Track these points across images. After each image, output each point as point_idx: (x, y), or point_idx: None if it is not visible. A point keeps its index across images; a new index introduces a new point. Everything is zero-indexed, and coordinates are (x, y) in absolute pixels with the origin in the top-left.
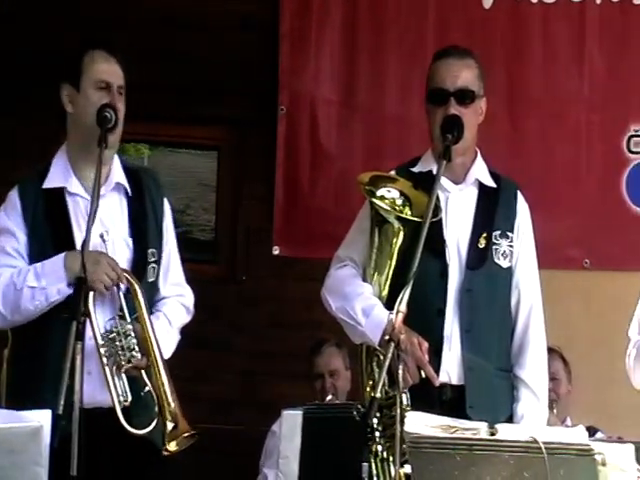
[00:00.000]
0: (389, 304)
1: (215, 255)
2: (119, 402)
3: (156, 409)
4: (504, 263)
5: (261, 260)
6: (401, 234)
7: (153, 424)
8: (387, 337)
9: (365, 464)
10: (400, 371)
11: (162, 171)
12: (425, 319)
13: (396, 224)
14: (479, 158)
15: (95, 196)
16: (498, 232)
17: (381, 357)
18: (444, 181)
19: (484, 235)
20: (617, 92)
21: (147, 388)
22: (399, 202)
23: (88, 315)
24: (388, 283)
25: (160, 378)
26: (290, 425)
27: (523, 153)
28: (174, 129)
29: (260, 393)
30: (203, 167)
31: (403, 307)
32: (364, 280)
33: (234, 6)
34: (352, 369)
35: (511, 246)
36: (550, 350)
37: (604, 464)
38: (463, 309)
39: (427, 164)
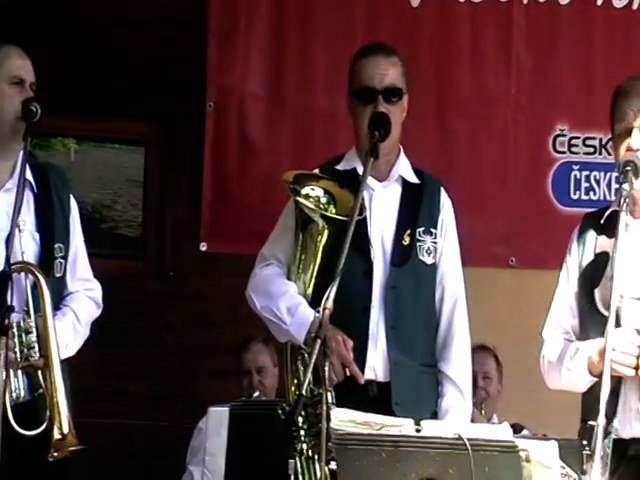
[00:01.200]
0: (314, 302)
1: (142, 251)
2: (11, 399)
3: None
4: (428, 260)
5: (188, 256)
6: (325, 233)
7: (41, 428)
8: (313, 334)
9: (292, 461)
10: (326, 368)
11: (89, 166)
12: (350, 317)
13: (320, 223)
14: (402, 155)
15: (20, 189)
16: (422, 229)
17: (306, 355)
18: (368, 179)
19: (408, 232)
20: (544, 92)
21: (41, 390)
22: (323, 200)
23: (12, 310)
24: (313, 281)
25: (54, 383)
26: (216, 422)
27: (451, 152)
28: (101, 124)
29: (187, 390)
30: (130, 163)
31: (329, 304)
32: (289, 279)
33: (165, 1)
34: (280, 366)
35: (435, 242)
36: (485, 349)
37: (528, 460)
38: (388, 306)
39: (351, 162)
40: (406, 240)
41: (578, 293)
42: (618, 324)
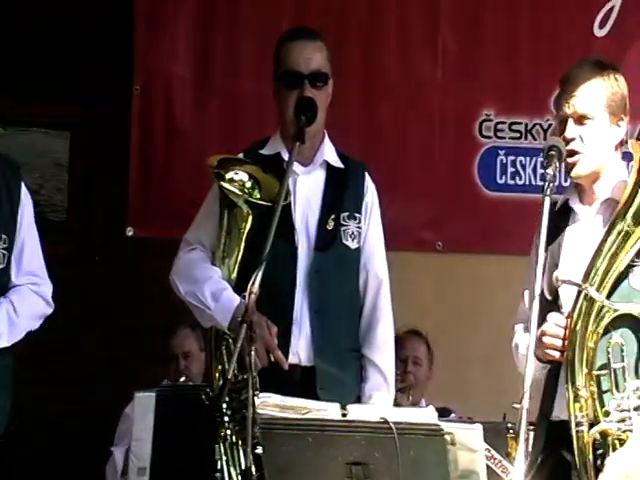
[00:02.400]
0: (239, 287)
1: (67, 235)
2: None
3: None
4: (352, 244)
5: (115, 240)
6: (250, 218)
7: None
8: (239, 319)
9: (217, 446)
10: (252, 354)
11: (16, 151)
12: (275, 302)
13: (245, 208)
14: (327, 140)
15: None
16: (346, 213)
17: (231, 341)
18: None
19: (332, 217)
20: (470, 77)
21: None
22: (248, 185)
23: None
24: (237, 266)
25: None
26: (143, 407)
27: (377, 136)
28: (27, 108)
29: (114, 375)
30: (57, 147)
31: (255, 289)
32: (213, 264)
33: None
34: (206, 351)
35: (359, 227)
36: (417, 334)
37: (453, 444)
38: (312, 291)
39: (275, 146)
40: (330, 225)
41: None
42: (559, 309)
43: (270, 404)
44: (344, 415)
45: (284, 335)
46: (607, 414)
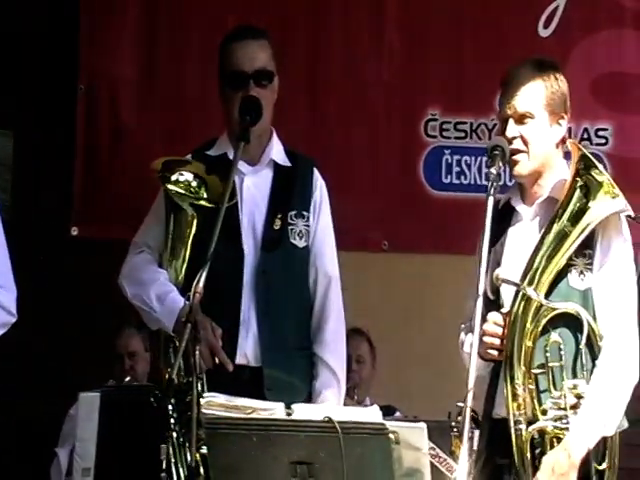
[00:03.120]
0: (186, 290)
1: (12, 235)
2: None
3: None
4: (300, 243)
5: (59, 241)
6: (195, 221)
7: None
8: (184, 319)
9: (163, 446)
10: (197, 354)
11: None
12: (222, 303)
13: (190, 211)
14: (275, 138)
15: None
16: (294, 212)
17: (177, 342)
18: (239, 163)
19: (279, 216)
20: (415, 77)
21: None
22: (194, 184)
23: None
24: (184, 269)
25: None
26: (87, 407)
27: (323, 135)
28: None
29: (58, 375)
30: (0, 146)
31: (200, 289)
32: (160, 266)
33: None
34: (152, 352)
35: (307, 225)
36: (358, 332)
37: (398, 442)
38: (259, 292)
39: (222, 147)
40: (277, 224)
41: None
42: (500, 308)
43: (215, 404)
44: (289, 415)
45: (231, 336)
46: (544, 413)
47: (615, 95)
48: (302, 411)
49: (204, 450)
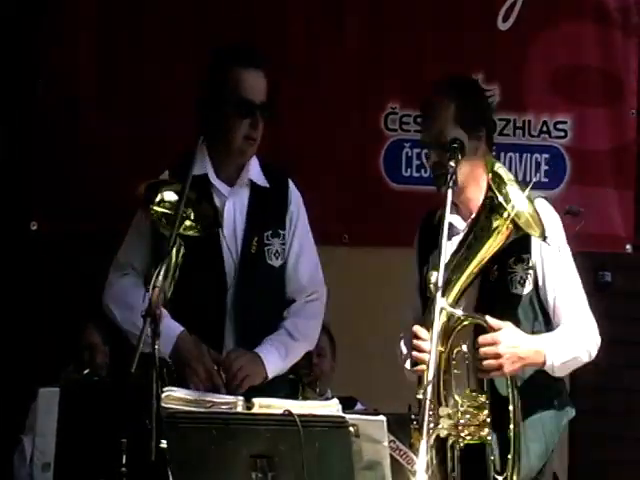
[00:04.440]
0: (175, 311)
1: None
2: None
3: None
4: (277, 262)
5: (18, 236)
6: (182, 248)
7: None
8: (143, 313)
9: (125, 440)
10: (156, 347)
11: None
12: (204, 329)
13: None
14: (253, 157)
15: None
16: (269, 232)
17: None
18: (219, 184)
19: (256, 239)
20: (375, 70)
21: None
22: (178, 204)
23: None
24: (172, 290)
25: None
26: (47, 402)
27: (281, 129)
28: None
29: (19, 367)
30: None
31: (159, 282)
32: (146, 285)
33: None
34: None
35: (283, 244)
36: None
37: (357, 435)
38: (238, 316)
39: (203, 166)
40: (254, 248)
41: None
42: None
43: (174, 398)
44: (248, 408)
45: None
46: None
47: (574, 88)
48: (262, 405)
49: (163, 444)
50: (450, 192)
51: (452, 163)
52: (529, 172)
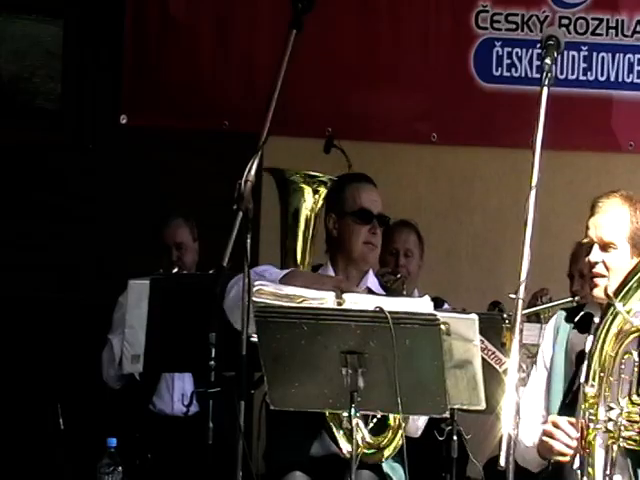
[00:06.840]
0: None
1: (60, 124)
2: None
3: None
4: None
5: (108, 129)
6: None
7: None
8: (235, 206)
9: (212, 334)
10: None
11: (7, 38)
12: None
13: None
14: (371, 272)
15: None
16: None
17: None
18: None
19: None
20: None
21: None
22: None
23: None
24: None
25: None
26: (136, 295)
27: (374, 29)
28: None
29: (106, 264)
30: (49, 35)
31: (252, 176)
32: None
33: None
34: (200, 240)
35: None
36: (406, 224)
37: (449, 334)
38: None
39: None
40: None
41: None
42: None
43: (266, 292)
44: (340, 304)
45: None
46: None
47: None
48: (353, 301)
49: (254, 338)
50: (545, 90)
51: (548, 60)
52: (621, 73)
